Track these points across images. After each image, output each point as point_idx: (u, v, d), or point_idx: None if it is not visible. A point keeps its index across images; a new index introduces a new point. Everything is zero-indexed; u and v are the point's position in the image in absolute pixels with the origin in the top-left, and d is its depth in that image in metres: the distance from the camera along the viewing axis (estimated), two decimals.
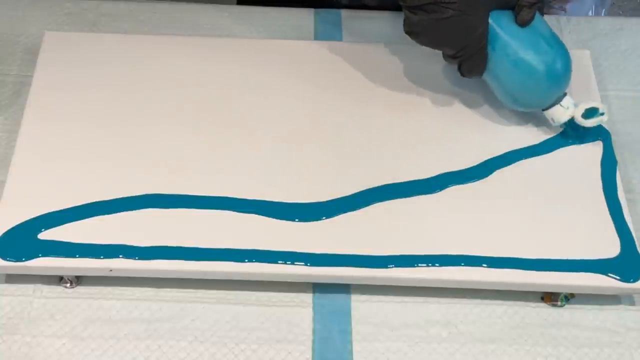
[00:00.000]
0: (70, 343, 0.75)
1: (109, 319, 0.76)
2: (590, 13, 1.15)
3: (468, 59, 0.82)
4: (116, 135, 0.84)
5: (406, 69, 0.91)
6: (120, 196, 0.80)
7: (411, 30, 0.81)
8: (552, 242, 0.79)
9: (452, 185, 0.82)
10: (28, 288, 0.78)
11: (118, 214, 0.78)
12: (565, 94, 0.84)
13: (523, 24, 0.81)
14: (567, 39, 0.98)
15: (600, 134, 0.86)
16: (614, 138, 0.87)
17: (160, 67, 0.90)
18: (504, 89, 0.84)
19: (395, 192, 0.81)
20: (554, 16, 1.03)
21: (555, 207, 0.81)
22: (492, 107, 0.89)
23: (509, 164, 0.84)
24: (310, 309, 0.78)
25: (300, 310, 0.77)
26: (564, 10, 1.13)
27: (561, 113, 0.84)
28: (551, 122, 0.85)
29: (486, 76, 0.84)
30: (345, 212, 0.80)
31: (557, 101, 0.84)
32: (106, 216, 0.78)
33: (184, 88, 0.88)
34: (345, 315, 0.77)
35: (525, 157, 0.85)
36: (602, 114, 0.84)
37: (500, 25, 0.82)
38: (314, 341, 0.76)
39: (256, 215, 0.79)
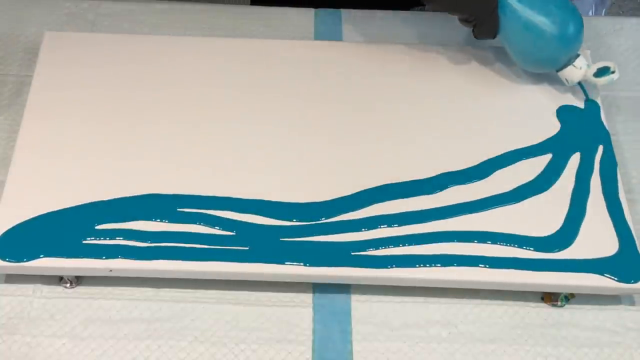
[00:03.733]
0: (70, 343, 0.75)
1: (109, 319, 0.76)
2: (590, 13, 1.15)
3: (480, 22, 0.86)
4: (116, 135, 0.84)
5: (406, 69, 0.92)
6: (120, 196, 0.80)
7: None
8: (552, 242, 0.79)
9: (452, 186, 0.82)
10: (28, 288, 0.78)
11: (118, 213, 0.78)
12: (578, 55, 0.87)
13: None
14: None
15: (600, 134, 0.86)
16: (613, 138, 0.87)
17: (159, 67, 0.90)
18: (517, 50, 0.88)
19: (395, 192, 0.81)
20: None
21: (555, 207, 0.81)
22: (492, 107, 0.89)
23: (509, 164, 0.84)
24: (310, 309, 0.78)
25: (300, 310, 0.77)
26: None
27: (574, 73, 0.87)
28: (565, 82, 0.88)
29: (500, 38, 0.88)
30: (345, 212, 0.80)
31: (570, 62, 0.87)
32: (106, 216, 0.78)
33: (183, 88, 0.88)
34: (345, 315, 0.77)
35: (525, 157, 0.85)
36: (613, 72, 0.86)
37: None
38: (314, 341, 0.76)
39: (256, 216, 0.79)
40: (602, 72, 0.87)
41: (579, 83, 0.89)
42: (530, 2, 0.86)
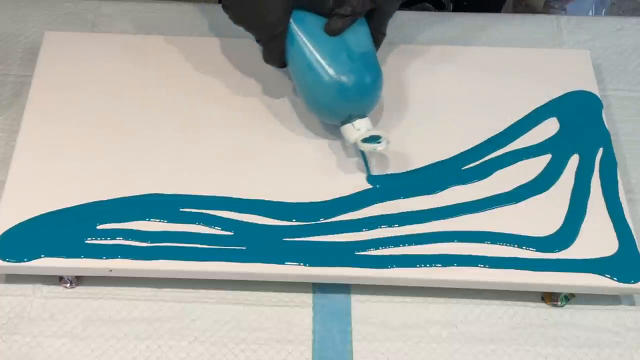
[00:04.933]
0: (70, 343, 0.75)
1: (109, 319, 0.76)
2: (590, 13, 1.15)
3: (265, 47, 0.82)
4: (116, 135, 0.84)
5: (406, 69, 0.91)
6: (121, 196, 0.80)
7: (223, 4, 0.81)
8: (552, 242, 0.79)
9: (452, 186, 0.82)
10: (28, 288, 0.78)
11: (118, 213, 0.78)
12: (365, 117, 0.81)
13: (329, 31, 0.80)
14: (567, 39, 0.98)
15: (600, 134, 0.86)
16: (614, 138, 0.87)
17: (159, 67, 0.90)
18: (300, 88, 0.83)
19: (395, 192, 0.81)
20: (554, 16, 1.03)
21: (555, 207, 0.81)
22: (492, 107, 0.89)
23: (509, 164, 0.84)
24: (310, 309, 0.78)
25: (300, 310, 0.77)
26: (564, 10, 1.13)
27: (351, 133, 0.80)
28: (345, 140, 0.82)
29: (290, 70, 0.84)
30: (345, 212, 0.80)
31: (351, 120, 0.80)
32: (106, 216, 0.78)
33: (183, 88, 0.88)
34: (345, 315, 0.77)
35: (525, 157, 0.85)
36: (380, 142, 0.79)
37: (304, 23, 0.81)
38: (314, 341, 0.76)
39: (256, 216, 0.79)
40: (373, 139, 0.80)
41: (362, 152, 0.82)
42: (321, 42, 0.80)
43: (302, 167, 0.83)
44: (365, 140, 0.80)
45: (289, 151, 0.84)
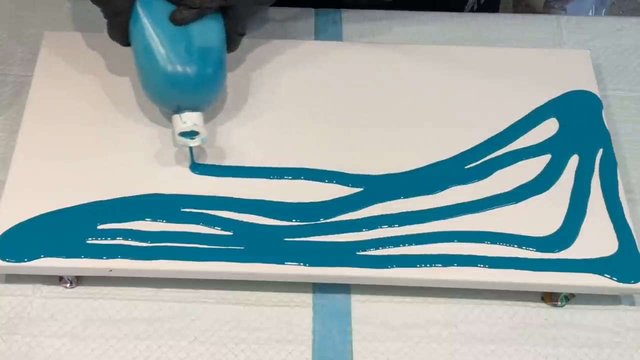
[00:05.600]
0: (70, 343, 0.75)
1: (109, 319, 0.76)
2: (590, 13, 1.16)
3: (108, 20, 0.81)
4: (116, 135, 0.84)
5: (406, 69, 0.91)
6: (120, 196, 0.80)
7: None
8: (552, 242, 0.79)
9: (452, 186, 0.82)
10: (28, 288, 0.78)
11: (118, 213, 0.78)
12: (198, 111, 0.80)
13: (173, 20, 0.79)
14: (567, 39, 0.98)
15: (600, 134, 0.86)
16: (614, 138, 0.87)
17: None
18: (137, 71, 0.82)
19: (396, 192, 0.81)
20: (554, 16, 1.03)
21: (555, 207, 0.81)
22: (492, 107, 0.89)
23: (509, 164, 0.84)
24: (310, 309, 0.78)
25: (300, 310, 0.77)
26: (564, 10, 1.13)
27: (175, 123, 0.80)
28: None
29: (132, 50, 0.82)
30: (345, 212, 0.80)
31: (180, 111, 0.80)
32: (106, 216, 0.78)
33: None
34: (345, 315, 0.77)
35: (525, 157, 0.85)
36: (194, 139, 0.79)
37: (150, 6, 0.80)
38: (314, 341, 0.76)
39: (256, 216, 0.79)
40: (191, 134, 0.79)
41: (190, 148, 0.81)
42: (163, 29, 0.79)
43: (301, 167, 0.83)
44: (184, 134, 0.79)
45: (288, 151, 0.84)
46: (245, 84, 0.89)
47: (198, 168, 0.82)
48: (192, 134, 0.80)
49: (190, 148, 0.82)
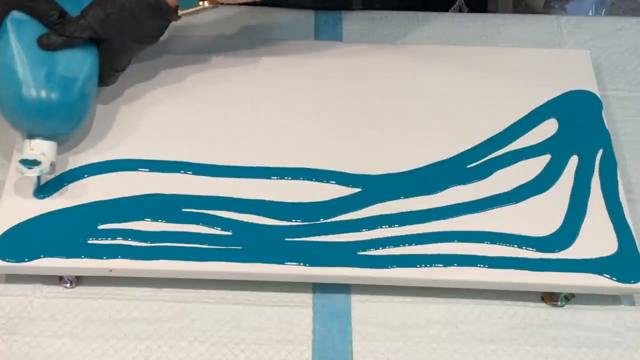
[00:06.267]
0: (70, 343, 0.75)
1: (109, 319, 0.76)
2: (590, 13, 1.16)
3: None
4: (115, 135, 0.84)
5: (406, 69, 0.92)
6: (120, 196, 0.80)
7: None
8: (552, 242, 0.79)
9: (452, 186, 0.82)
10: (28, 288, 0.78)
11: (118, 213, 0.78)
12: (50, 141, 0.77)
13: (40, 44, 0.77)
14: (567, 39, 0.98)
15: (600, 134, 0.86)
16: (613, 138, 0.87)
17: (159, 67, 0.90)
18: None
19: (396, 192, 0.81)
20: (554, 16, 1.03)
21: (555, 207, 0.81)
22: (492, 107, 0.89)
23: (509, 164, 0.84)
24: (310, 309, 0.78)
25: (300, 310, 0.77)
26: (564, 10, 1.13)
27: (24, 148, 0.77)
28: None
29: None
30: (345, 212, 0.80)
31: (32, 138, 0.77)
32: (106, 216, 0.78)
33: (182, 87, 0.88)
34: (345, 315, 0.77)
35: (525, 157, 0.85)
36: (32, 167, 0.76)
37: (21, 25, 0.78)
38: (314, 341, 0.76)
39: (256, 216, 0.79)
40: (33, 163, 0.76)
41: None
42: (28, 50, 0.77)
43: (302, 167, 0.83)
44: (25, 162, 0.76)
45: (288, 151, 0.84)
46: (245, 84, 0.89)
47: (42, 192, 0.79)
48: (34, 163, 0.76)
49: (39, 178, 0.79)
